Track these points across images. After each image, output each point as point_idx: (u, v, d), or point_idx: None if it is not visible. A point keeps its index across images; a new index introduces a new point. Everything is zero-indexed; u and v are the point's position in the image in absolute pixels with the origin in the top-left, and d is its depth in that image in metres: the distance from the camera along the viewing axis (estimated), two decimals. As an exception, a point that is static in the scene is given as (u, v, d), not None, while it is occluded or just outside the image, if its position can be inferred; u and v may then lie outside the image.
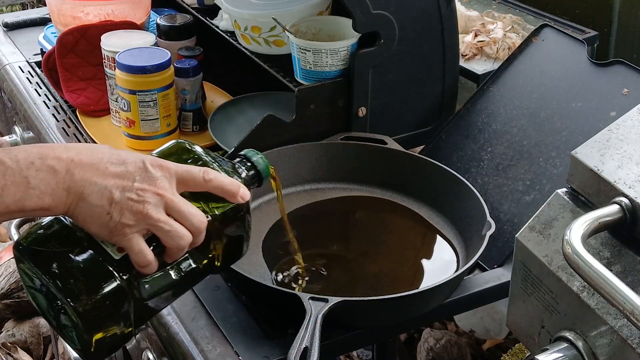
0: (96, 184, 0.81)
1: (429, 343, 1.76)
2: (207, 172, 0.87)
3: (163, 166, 0.84)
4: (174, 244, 0.84)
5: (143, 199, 0.81)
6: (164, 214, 0.83)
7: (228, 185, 0.88)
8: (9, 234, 1.76)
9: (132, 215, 0.81)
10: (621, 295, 0.69)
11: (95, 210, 0.81)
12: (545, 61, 1.33)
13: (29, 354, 2.28)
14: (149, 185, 0.82)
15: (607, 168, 0.80)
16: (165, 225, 0.83)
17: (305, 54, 1.30)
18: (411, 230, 1.23)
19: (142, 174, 0.82)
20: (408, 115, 1.39)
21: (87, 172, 0.81)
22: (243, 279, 1.03)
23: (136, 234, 0.82)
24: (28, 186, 0.78)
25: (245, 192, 0.90)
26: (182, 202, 0.84)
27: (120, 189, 0.81)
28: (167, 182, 0.84)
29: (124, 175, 0.82)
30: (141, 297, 0.85)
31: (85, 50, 1.52)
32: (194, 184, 0.86)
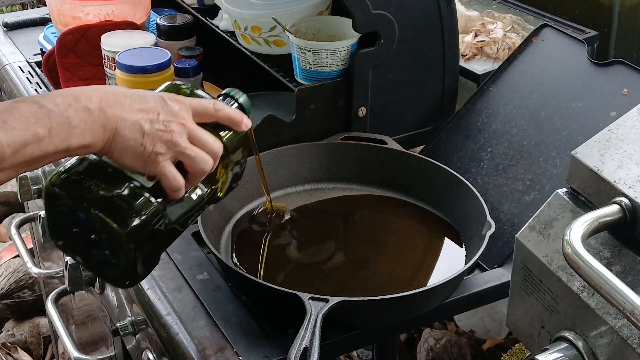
0: (127, 119, 0.87)
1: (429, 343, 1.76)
2: (216, 103, 0.95)
3: (179, 100, 0.92)
4: (199, 169, 0.92)
5: (170, 128, 0.89)
6: (188, 142, 0.91)
7: (233, 115, 0.96)
8: (9, 234, 1.76)
9: (162, 144, 0.89)
10: (621, 295, 0.69)
11: (130, 143, 0.88)
12: (545, 61, 1.33)
13: (29, 354, 2.28)
14: (172, 117, 0.90)
15: (607, 168, 0.80)
16: (192, 151, 0.91)
17: (305, 54, 1.30)
18: (411, 230, 1.23)
19: (164, 108, 0.90)
20: (408, 115, 1.39)
21: (117, 110, 0.87)
22: (243, 279, 1.03)
23: (168, 161, 0.90)
24: (70, 126, 0.84)
25: (248, 121, 0.98)
26: (201, 131, 0.92)
27: (149, 122, 0.88)
28: (186, 113, 0.91)
29: (148, 110, 0.89)
30: (169, 221, 0.93)
31: (85, 50, 1.52)
32: (206, 115, 0.94)
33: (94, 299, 1.48)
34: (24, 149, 0.81)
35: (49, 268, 1.79)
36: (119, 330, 1.20)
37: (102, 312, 1.44)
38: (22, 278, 2.33)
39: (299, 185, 1.29)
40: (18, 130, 0.81)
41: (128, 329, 1.19)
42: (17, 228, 1.62)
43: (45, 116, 0.83)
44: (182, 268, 1.13)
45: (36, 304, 2.33)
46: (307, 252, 1.20)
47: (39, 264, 1.88)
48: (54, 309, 1.49)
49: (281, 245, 1.20)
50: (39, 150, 0.82)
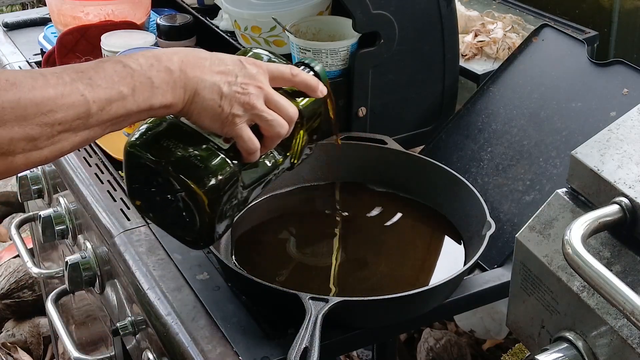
0: (206, 80, 0.89)
1: (429, 343, 1.76)
2: (293, 68, 0.97)
3: (257, 63, 0.94)
4: (275, 132, 0.94)
5: (247, 91, 0.91)
6: (265, 105, 0.93)
7: (310, 80, 0.98)
8: (9, 234, 1.76)
9: (240, 106, 0.91)
10: (621, 295, 0.69)
11: (209, 104, 0.90)
12: (545, 61, 1.33)
13: (29, 354, 2.28)
14: (249, 80, 0.91)
15: (607, 168, 0.80)
16: (269, 115, 0.93)
17: (305, 54, 1.30)
18: (411, 230, 1.23)
19: (242, 71, 0.92)
20: (408, 115, 1.39)
21: (197, 71, 0.89)
22: (243, 279, 1.03)
23: (244, 123, 0.92)
24: (152, 85, 0.86)
25: (324, 88, 1.00)
26: (277, 95, 0.94)
27: (227, 84, 0.90)
28: (263, 77, 0.93)
29: (227, 72, 0.91)
30: (243, 184, 0.95)
31: (85, 50, 1.52)
32: (282, 80, 0.96)
33: (94, 299, 1.48)
34: (109, 106, 0.83)
35: (49, 268, 1.79)
36: (119, 330, 1.20)
37: (102, 312, 1.44)
38: (22, 278, 2.33)
39: (299, 185, 1.29)
40: (103, 87, 0.82)
41: (128, 329, 1.19)
42: (17, 228, 1.62)
43: (129, 75, 0.85)
44: (182, 268, 1.13)
45: (36, 304, 2.33)
46: (307, 252, 1.20)
47: (39, 264, 1.88)
48: (54, 309, 1.49)
49: (281, 245, 1.20)
50: (124, 109, 0.84)
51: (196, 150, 0.92)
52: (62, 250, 1.67)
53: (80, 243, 1.42)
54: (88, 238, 1.36)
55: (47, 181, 1.62)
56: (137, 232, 1.21)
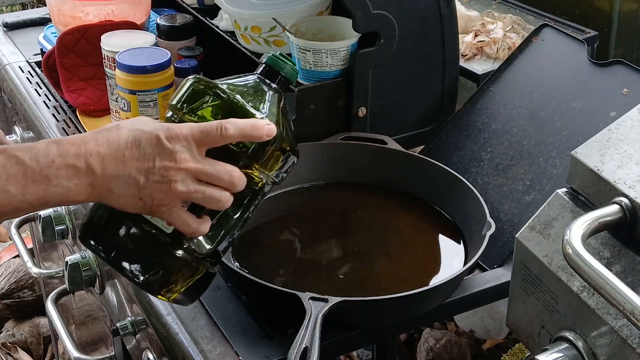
0: (120, 175, 0.82)
1: (429, 343, 1.76)
2: (223, 127, 0.84)
3: (179, 136, 0.83)
4: (215, 206, 0.86)
5: (168, 178, 0.83)
6: (194, 184, 0.84)
7: (250, 131, 0.86)
8: (9, 234, 1.76)
9: (163, 195, 0.83)
10: (621, 295, 0.69)
11: (128, 199, 0.83)
12: (545, 61, 1.33)
13: (29, 354, 2.28)
14: (170, 162, 0.83)
15: (607, 168, 0.80)
16: (198, 194, 0.84)
17: (305, 54, 1.30)
18: (411, 230, 1.23)
19: (160, 152, 0.83)
20: (408, 115, 1.39)
21: (108, 166, 0.82)
22: (243, 279, 1.03)
23: (174, 208, 0.84)
24: (50, 184, 0.80)
25: (271, 129, 0.87)
26: (208, 166, 0.84)
27: (144, 173, 0.82)
28: (187, 151, 0.83)
29: (142, 158, 0.82)
30: (204, 252, 0.90)
31: (85, 50, 1.52)
32: (213, 142, 0.85)
33: (94, 299, 1.48)
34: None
35: (49, 268, 1.79)
36: (119, 330, 1.20)
37: (102, 312, 1.44)
38: (22, 278, 2.33)
39: (299, 185, 1.29)
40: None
41: (128, 329, 1.19)
42: (17, 228, 1.62)
43: (20, 173, 0.79)
44: (182, 268, 1.12)
45: (36, 304, 2.33)
46: (307, 252, 1.20)
47: (39, 264, 1.88)
48: (54, 309, 1.49)
49: (281, 245, 1.20)
50: (10, 207, 0.79)
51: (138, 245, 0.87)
52: (62, 250, 1.67)
53: (80, 243, 1.41)
54: (88, 238, 1.35)
55: (47, 181, 1.61)
56: (137, 232, 1.21)
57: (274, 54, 0.95)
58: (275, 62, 0.94)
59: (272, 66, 0.94)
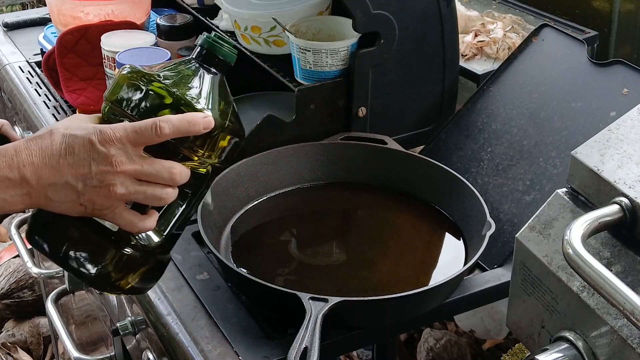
0: (56, 184, 0.81)
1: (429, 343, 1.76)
2: (157, 126, 0.82)
3: (112, 139, 0.81)
4: (158, 203, 0.85)
5: (106, 182, 0.81)
6: (133, 184, 0.82)
7: (187, 127, 0.83)
8: (9, 234, 1.76)
9: (103, 199, 0.82)
10: (621, 295, 0.69)
11: (68, 206, 0.82)
12: (545, 61, 1.33)
13: (29, 354, 2.28)
14: (106, 166, 0.81)
15: (607, 168, 0.80)
16: (139, 195, 0.83)
17: (305, 54, 1.30)
18: (411, 230, 1.23)
19: (95, 156, 0.81)
20: (408, 115, 1.39)
21: (43, 175, 0.81)
22: (243, 279, 1.03)
23: (117, 210, 0.83)
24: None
25: (209, 121, 0.85)
26: (146, 166, 0.83)
27: (81, 179, 0.81)
28: (122, 153, 0.82)
29: (78, 164, 0.81)
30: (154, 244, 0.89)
31: (85, 50, 1.52)
32: (149, 141, 0.83)
33: (94, 299, 1.48)
34: None
35: (49, 268, 1.79)
36: (119, 330, 1.20)
37: (102, 312, 1.44)
38: (22, 278, 2.33)
39: (299, 185, 1.29)
40: None
41: (128, 329, 1.19)
42: (17, 228, 1.62)
43: None
44: (182, 268, 1.13)
45: (36, 304, 2.33)
46: (307, 252, 1.20)
47: (39, 264, 1.87)
48: (54, 309, 1.49)
49: (281, 245, 1.20)
50: None
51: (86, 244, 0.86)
52: (62, 250, 1.66)
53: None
54: (88, 238, 1.35)
55: (47, 181, 1.61)
56: (137, 232, 1.21)
57: (209, 35, 0.90)
58: (211, 45, 0.90)
59: (208, 49, 0.90)
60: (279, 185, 1.27)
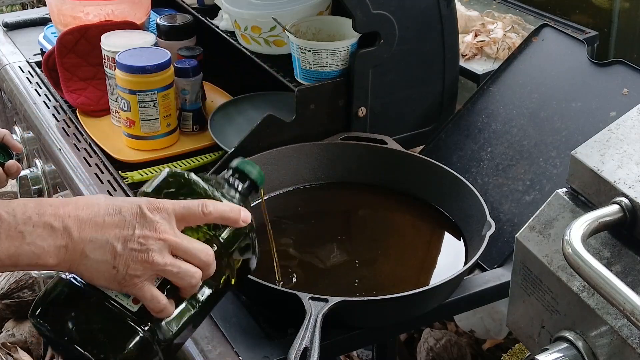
0: (97, 239, 0.80)
1: (429, 343, 1.76)
2: (205, 205, 0.85)
3: (161, 208, 0.83)
4: (186, 284, 0.84)
5: (146, 247, 0.81)
6: (170, 256, 0.82)
7: (228, 213, 0.87)
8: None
9: (138, 265, 0.81)
10: (621, 295, 0.69)
11: (101, 266, 0.81)
12: (545, 61, 1.33)
13: (29, 354, 2.28)
14: (150, 231, 0.81)
15: (607, 168, 0.80)
16: (174, 268, 0.82)
17: (305, 54, 1.30)
18: (411, 230, 1.23)
19: (141, 220, 0.81)
20: (408, 115, 1.39)
21: (86, 229, 0.80)
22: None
23: (146, 282, 0.82)
24: (23, 241, 0.78)
25: (247, 215, 0.89)
26: (185, 241, 0.83)
27: (122, 241, 0.80)
28: (167, 223, 0.82)
29: (122, 225, 0.81)
30: (166, 339, 0.86)
31: (85, 50, 1.52)
32: (194, 220, 0.85)
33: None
34: None
35: (49, 268, 1.79)
36: (119, 330, 1.19)
37: (102, 312, 1.44)
38: (22, 278, 2.33)
39: (299, 185, 1.29)
40: None
41: (128, 329, 1.19)
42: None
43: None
44: (182, 268, 1.12)
45: (36, 304, 2.32)
46: (307, 252, 1.20)
47: (39, 264, 1.87)
48: (54, 309, 1.49)
49: (281, 245, 1.20)
50: None
51: (99, 322, 0.83)
52: (62, 250, 1.66)
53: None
54: (88, 238, 1.35)
55: (47, 181, 1.61)
56: (137, 232, 1.20)
57: (242, 159, 0.96)
58: (244, 167, 0.95)
59: (241, 171, 0.95)
60: (279, 185, 1.27)
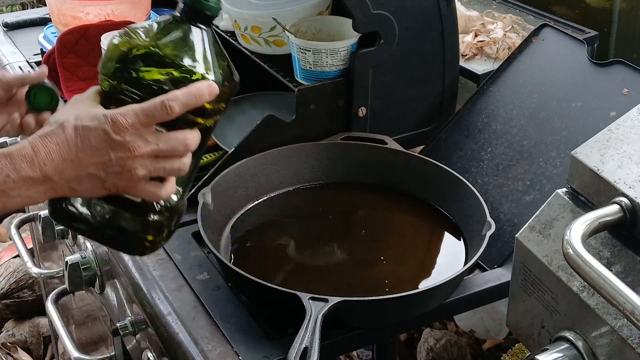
0: (79, 176, 0.84)
1: (429, 343, 1.76)
2: (167, 106, 0.84)
3: (125, 126, 0.83)
4: (176, 174, 0.88)
5: (127, 167, 0.84)
6: (153, 163, 0.85)
7: (194, 101, 0.85)
8: (9, 234, 1.76)
9: (126, 182, 0.85)
10: (621, 295, 0.69)
11: (94, 192, 0.86)
12: (545, 61, 1.33)
13: (29, 354, 2.28)
14: (124, 153, 0.84)
15: (607, 168, 0.80)
16: (159, 170, 0.86)
17: (305, 54, 1.30)
18: (411, 230, 1.23)
19: (112, 144, 0.83)
20: (408, 115, 1.39)
21: (65, 170, 0.83)
22: (243, 279, 1.03)
23: (139, 186, 0.86)
24: (8, 198, 0.82)
25: (213, 88, 0.86)
26: (162, 144, 0.85)
27: (103, 168, 0.84)
28: (137, 137, 0.84)
29: (97, 155, 0.83)
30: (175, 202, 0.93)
31: (85, 50, 1.52)
32: (160, 120, 0.85)
33: (94, 299, 1.48)
34: None
35: (49, 268, 1.79)
36: (119, 330, 1.20)
37: (102, 312, 1.44)
38: (22, 278, 2.33)
39: (299, 185, 1.29)
40: None
41: (128, 329, 1.19)
42: (17, 228, 1.62)
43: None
44: (182, 268, 1.13)
45: (36, 304, 2.33)
46: (307, 252, 1.20)
47: (39, 264, 1.88)
48: (54, 309, 1.49)
49: (281, 245, 1.20)
50: None
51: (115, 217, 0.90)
52: (62, 250, 1.67)
53: (80, 243, 1.41)
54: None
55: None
56: (137, 232, 1.21)
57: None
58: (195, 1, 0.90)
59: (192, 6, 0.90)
60: (279, 185, 1.27)
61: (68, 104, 0.89)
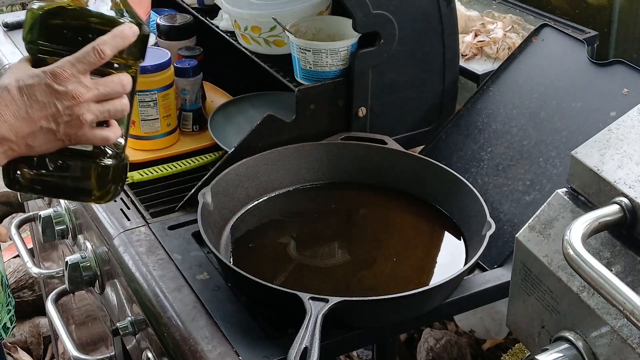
0: (33, 132, 0.90)
1: (429, 343, 1.76)
2: (99, 50, 0.92)
3: (64, 75, 0.90)
4: (120, 115, 0.96)
5: (75, 114, 0.91)
6: (97, 106, 0.93)
7: (121, 42, 0.93)
8: (9, 234, 1.76)
9: (76, 129, 0.92)
10: (621, 295, 0.69)
11: (48, 145, 0.92)
12: (545, 61, 1.33)
13: (29, 354, 2.28)
14: (69, 101, 0.91)
15: (607, 168, 0.80)
16: (105, 113, 0.94)
17: (305, 54, 1.30)
18: (411, 230, 1.23)
19: (57, 96, 0.90)
20: (408, 115, 1.39)
21: (19, 128, 0.90)
22: (243, 279, 1.03)
23: (89, 132, 0.93)
24: None
25: (134, 29, 0.94)
26: (101, 88, 0.93)
27: (53, 120, 0.91)
28: (78, 85, 0.91)
29: (45, 108, 0.90)
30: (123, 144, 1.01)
31: (85, 50, 1.51)
32: (95, 66, 0.92)
33: (94, 299, 1.48)
34: None
35: (49, 268, 1.79)
36: (119, 330, 1.20)
37: (102, 312, 1.44)
38: (22, 278, 2.33)
39: (299, 185, 1.29)
40: None
41: (128, 329, 1.19)
42: (17, 228, 1.62)
43: None
44: (182, 268, 1.13)
45: (36, 304, 2.33)
46: (307, 252, 1.20)
47: (39, 264, 1.88)
48: (54, 309, 1.49)
49: (281, 245, 1.20)
50: None
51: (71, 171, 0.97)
52: (62, 250, 1.67)
53: (80, 243, 1.41)
54: (88, 238, 1.36)
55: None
56: (136, 232, 1.21)
57: None
58: None
59: None
60: (279, 185, 1.27)
61: (5, 73, 0.95)
